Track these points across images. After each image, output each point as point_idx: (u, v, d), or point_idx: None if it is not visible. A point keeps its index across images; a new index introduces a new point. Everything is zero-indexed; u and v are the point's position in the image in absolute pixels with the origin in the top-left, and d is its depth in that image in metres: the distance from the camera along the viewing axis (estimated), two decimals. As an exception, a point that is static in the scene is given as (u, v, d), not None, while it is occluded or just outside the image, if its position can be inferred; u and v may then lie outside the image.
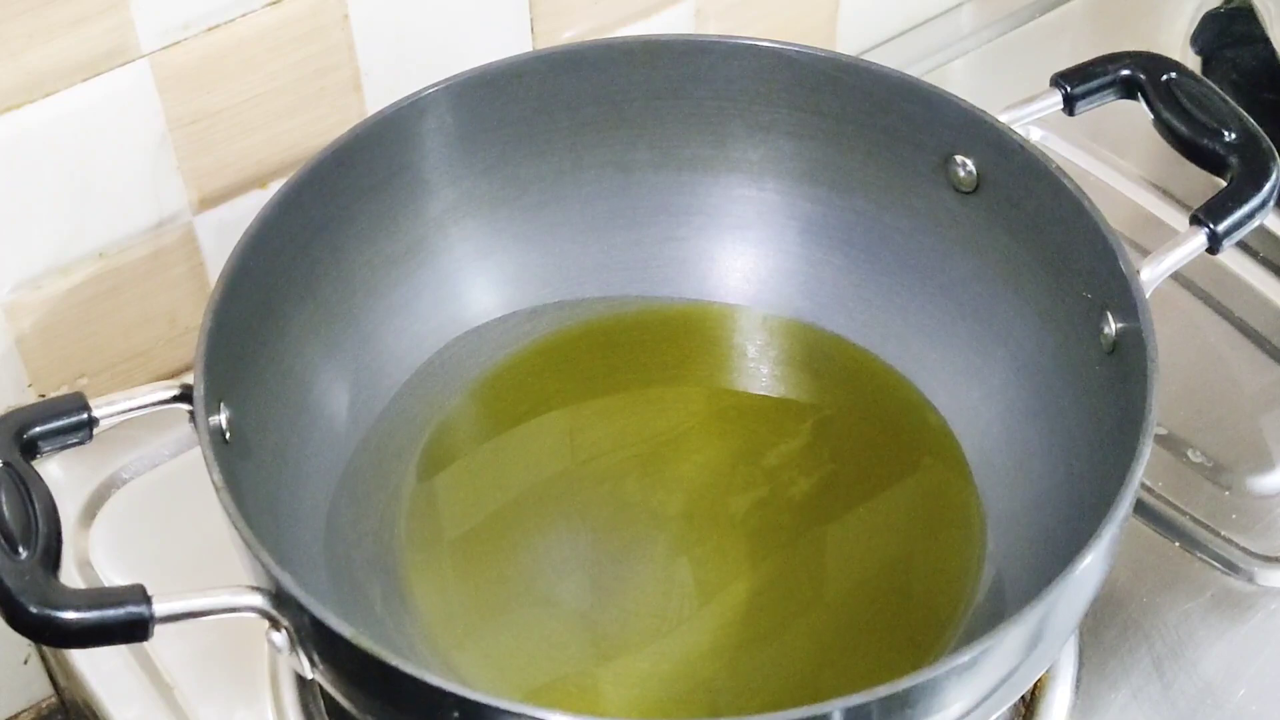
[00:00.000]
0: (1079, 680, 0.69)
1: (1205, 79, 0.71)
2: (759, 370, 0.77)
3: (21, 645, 0.81)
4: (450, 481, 0.73)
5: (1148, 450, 0.59)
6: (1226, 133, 0.69)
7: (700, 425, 0.75)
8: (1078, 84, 0.71)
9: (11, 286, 0.73)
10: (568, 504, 0.72)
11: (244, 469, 0.63)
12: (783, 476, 0.73)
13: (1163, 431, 0.76)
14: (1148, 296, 0.64)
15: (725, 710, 0.66)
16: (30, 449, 0.60)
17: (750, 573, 0.70)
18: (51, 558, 0.57)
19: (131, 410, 0.62)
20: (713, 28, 0.87)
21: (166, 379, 0.64)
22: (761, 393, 0.76)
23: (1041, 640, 0.58)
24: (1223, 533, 0.73)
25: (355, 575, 0.68)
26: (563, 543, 0.72)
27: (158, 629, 0.56)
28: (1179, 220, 0.72)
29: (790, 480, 0.73)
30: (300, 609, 0.56)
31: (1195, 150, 0.70)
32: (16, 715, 0.83)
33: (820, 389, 0.76)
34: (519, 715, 0.55)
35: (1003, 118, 0.71)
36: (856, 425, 0.75)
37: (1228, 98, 0.70)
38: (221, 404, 0.63)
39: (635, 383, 0.76)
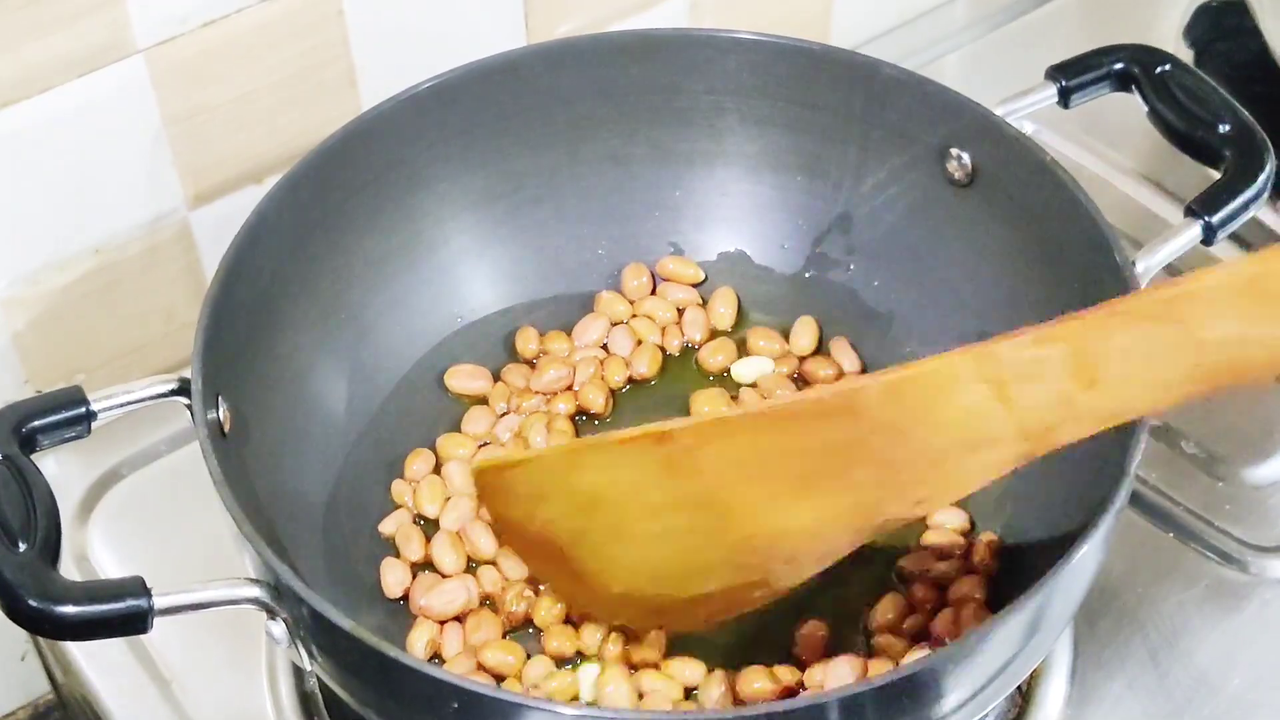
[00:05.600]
0: (1074, 670, 0.69)
1: (1199, 71, 0.71)
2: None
3: (19, 642, 0.81)
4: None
5: (1143, 441, 0.60)
6: (1221, 125, 0.69)
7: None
8: (1072, 77, 0.72)
9: (8, 283, 0.73)
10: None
11: (242, 462, 0.63)
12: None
13: (1157, 423, 0.76)
14: (1143, 288, 0.65)
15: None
16: (29, 443, 0.60)
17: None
18: (50, 551, 0.57)
19: (129, 404, 0.62)
20: (708, 21, 0.87)
21: (164, 375, 0.64)
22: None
23: (1038, 630, 0.58)
24: (1217, 523, 0.74)
25: (354, 568, 0.69)
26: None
27: (156, 622, 0.56)
28: (1173, 213, 0.73)
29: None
30: (299, 601, 0.56)
31: (1189, 142, 0.70)
32: (14, 712, 0.83)
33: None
34: (517, 706, 0.55)
35: (998, 111, 0.71)
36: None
37: (1221, 90, 0.70)
38: (219, 398, 0.63)
39: (632, 377, 0.77)
